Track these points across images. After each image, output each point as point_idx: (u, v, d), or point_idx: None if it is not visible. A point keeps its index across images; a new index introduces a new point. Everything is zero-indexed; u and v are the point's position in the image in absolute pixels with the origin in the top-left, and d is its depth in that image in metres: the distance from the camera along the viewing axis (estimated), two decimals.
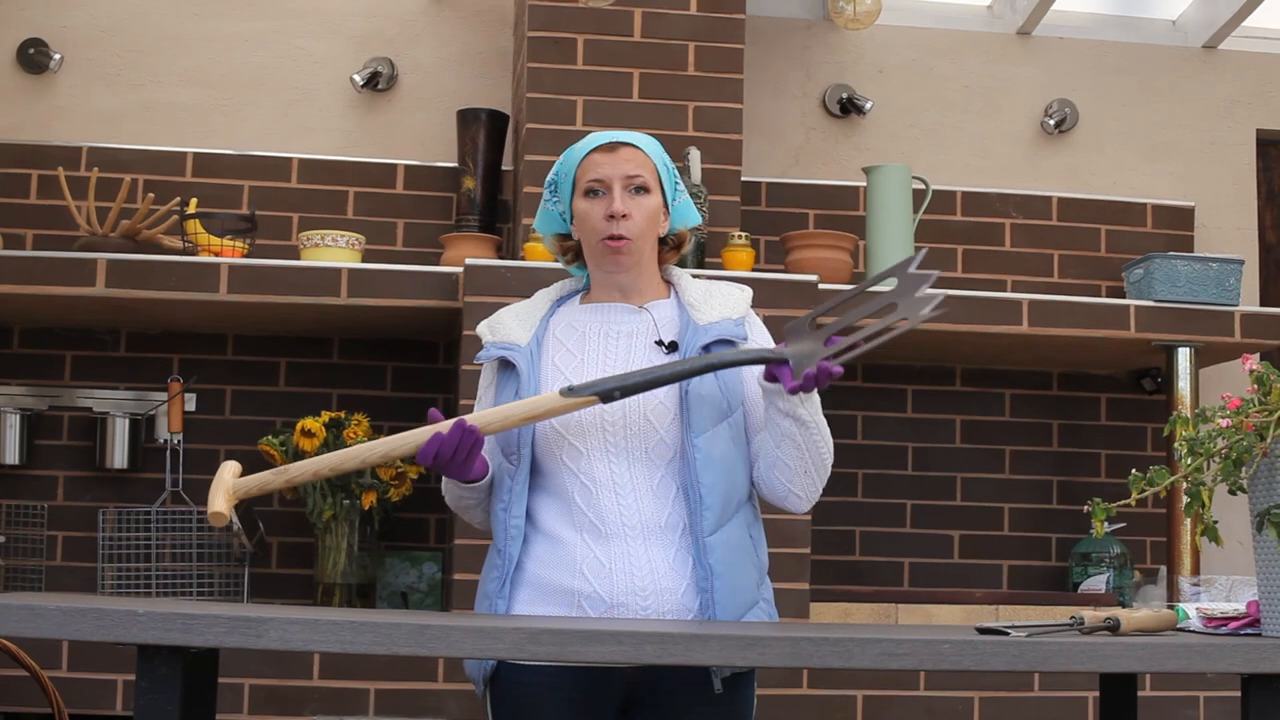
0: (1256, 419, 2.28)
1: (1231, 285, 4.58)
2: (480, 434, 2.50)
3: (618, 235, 2.62)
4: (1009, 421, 5.02)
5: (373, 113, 4.93)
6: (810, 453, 2.57)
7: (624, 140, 2.68)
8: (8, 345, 4.62)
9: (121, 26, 4.86)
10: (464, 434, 2.49)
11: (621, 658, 2.11)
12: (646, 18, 4.53)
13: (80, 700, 3.96)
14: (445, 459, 2.50)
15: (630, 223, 2.63)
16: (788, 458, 2.57)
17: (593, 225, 2.64)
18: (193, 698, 2.13)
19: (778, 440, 2.56)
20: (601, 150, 2.67)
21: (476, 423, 2.50)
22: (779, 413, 2.53)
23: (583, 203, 2.66)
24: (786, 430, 2.54)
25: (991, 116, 5.22)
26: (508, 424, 2.53)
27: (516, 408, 2.52)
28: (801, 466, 2.58)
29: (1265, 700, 2.19)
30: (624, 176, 2.65)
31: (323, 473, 2.57)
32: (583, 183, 2.66)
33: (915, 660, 2.13)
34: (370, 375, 4.73)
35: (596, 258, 2.68)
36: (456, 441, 2.49)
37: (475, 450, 2.51)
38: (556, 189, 2.73)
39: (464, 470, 2.54)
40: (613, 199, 2.63)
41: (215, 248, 4.33)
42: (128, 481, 4.59)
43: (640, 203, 2.65)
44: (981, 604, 4.33)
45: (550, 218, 2.76)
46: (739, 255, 4.44)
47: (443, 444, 2.49)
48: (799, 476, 2.59)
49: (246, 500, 4.54)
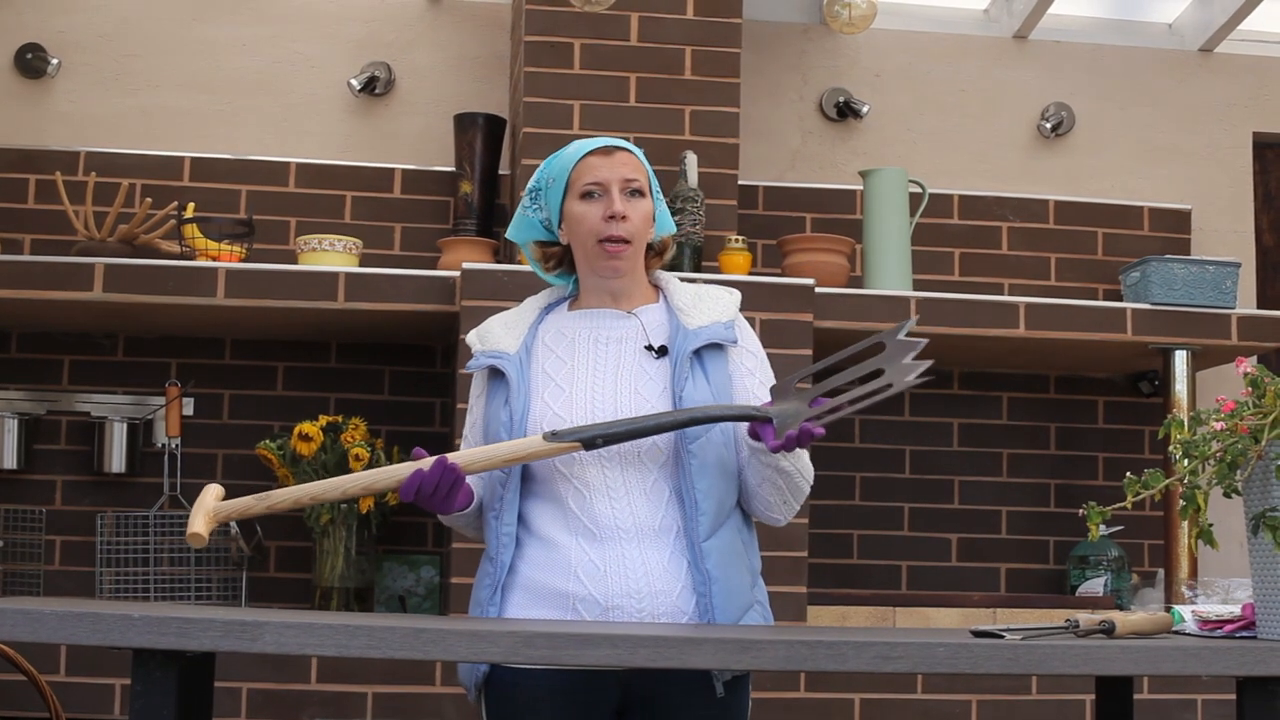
0: (1251, 422, 2.28)
1: (1228, 288, 4.58)
2: (460, 473, 2.51)
3: (617, 237, 2.63)
4: (1006, 424, 5.02)
5: (370, 117, 4.93)
6: (790, 491, 2.63)
7: (619, 145, 2.70)
8: (5, 350, 4.62)
9: (119, 31, 4.87)
10: (444, 472, 2.50)
11: (616, 661, 2.11)
12: (643, 22, 4.54)
13: (78, 705, 3.96)
14: (426, 495, 2.51)
15: (629, 224, 2.64)
16: (767, 495, 2.63)
17: (590, 227, 2.65)
18: (188, 702, 2.13)
19: (758, 480, 2.61)
20: (598, 154, 2.67)
21: (459, 462, 2.51)
22: (761, 464, 2.58)
23: (579, 205, 2.66)
24: (768, 475, 2.59)
25: (988, 120, 5.23)
26: (490, 465, 2.55)
27: (500, 450, 2.54)
28: (780, 499, 2.64)
29: (1260, 703, 2.19)
30: (622, 179, 2.66)
31: (303, 501, 2.59)
32: (579, 185, 2.66)
33: (910, 663, 2.13)
34: (367, 379, 4.73)
35: (592, 260, 2.68)
36: (436, 480, 2.50)
37: (456, 488, 2.53)
38: (539, 195, 2.73)
39: (445, 506, 2.55)
40: (612, 200, 2.64)
41: (213, 252, 4.34)
42: (126, 486, 4.59)
43: (637, 206, 2.66)
44: (979, 607, 4.33)
45: (529, 225, 2.76)
46: (736, 259, 4.44)
47: (424, 481, 2.50)
48: (779, 505, 2.65)
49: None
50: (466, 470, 2.52)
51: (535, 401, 2.61)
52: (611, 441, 2.50)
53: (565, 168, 2.68)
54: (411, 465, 2.51)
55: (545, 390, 2.61)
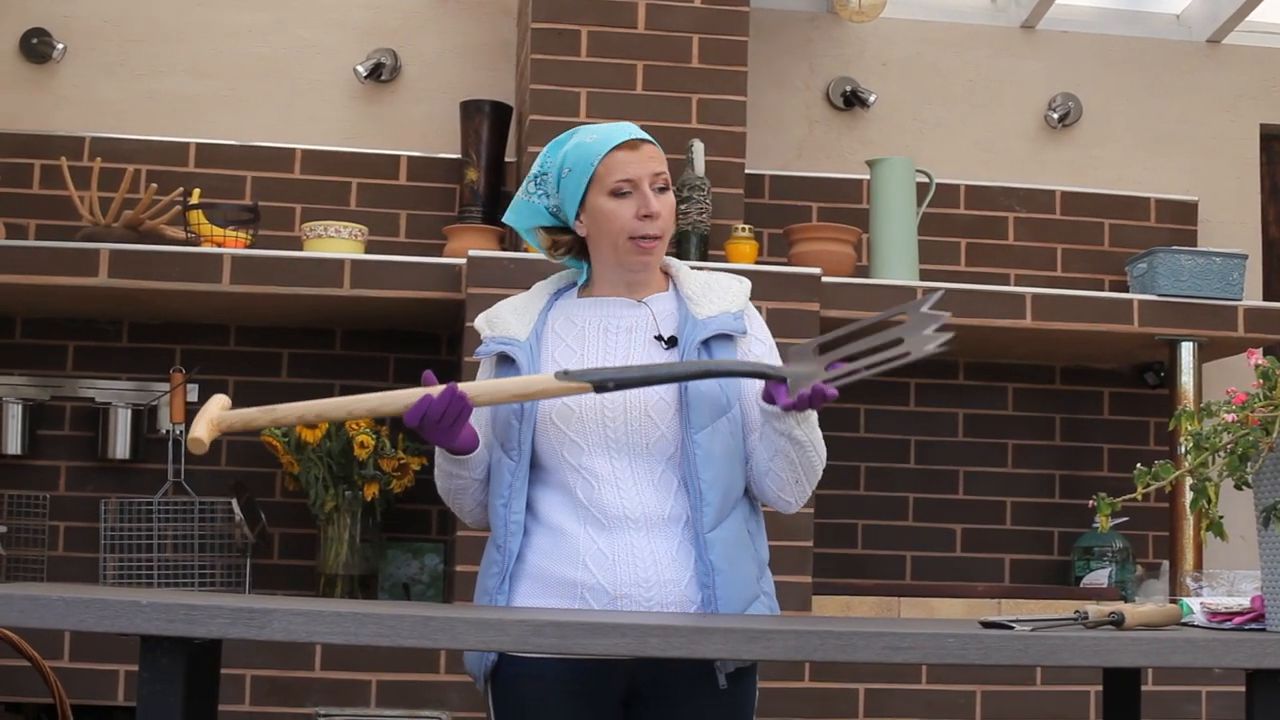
0: (1262, 414, 2.28)
1: (1235, 280, 4.57)
2: (470, 402, 2.49)
3: (652, 235, 2.62)
4: (1011, 415, 5.01)
5: (376, 104, 4.92)
6: (803, 467, 2.59)
7: (645, 138, 2.67)
8: (10, 335, 4.61)
9: (125, 16, 4.86)
10: (453, 399, 2.47)
11: (625, 650, 2.11)
12: (650, 10, 4.53)
13: (82, 690, 3.96)
14: (432, 421, 2.48)
15: (661, 221, 2.63)
16: (780, 470, 2.58)
17: (622, 225, 2.62)
18: (195, 689, 2.13)
19: (771, 454, 2.57)
20: (625, 148, 2.63)
21: (467, 391, 2.49)
22: (775, 431, 2.54)
23: (609, 201, 2.62)
24: (781, 447, 2.56)
25: (995, 110, 5.22)
26: (498, 398, 2.53)
27: (509, 383, 2.52)
28: (793, 477, 2.60)
29: (1270, 695, 2.19)
30: (651, 175, 2.63)
31: (308, 418, 2.59)
32: (608, 181, 2.62)
33: (920, 654, 2.13)
34: (372, 366, 4.73)
35: (622, 256, 2.65)
36: (444, 405, 2.47)
37: (462, 418, 2.50)
38: (545, 181, 2.68)
39: (449, 436, 2.52)
40: (647, 199, 2.61)
41: (218, 238, 4.33)
42: (130, 472, 4.58)
43: (665, 200, 2.64)
44: (984, 598, 4.33)
45: (533, 210, 2.71)
46: (742, 248, 4.44)
47: (431, 406, 2.47)
48: (790, 485, 2.61)
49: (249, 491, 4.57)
50: (475, 401, 2.49)
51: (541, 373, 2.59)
52: (623, 386, 2.48)
53: (589, 159, 2.63)
54: (420, 391, 2.49)
55: None
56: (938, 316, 2.43)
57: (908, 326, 2.45)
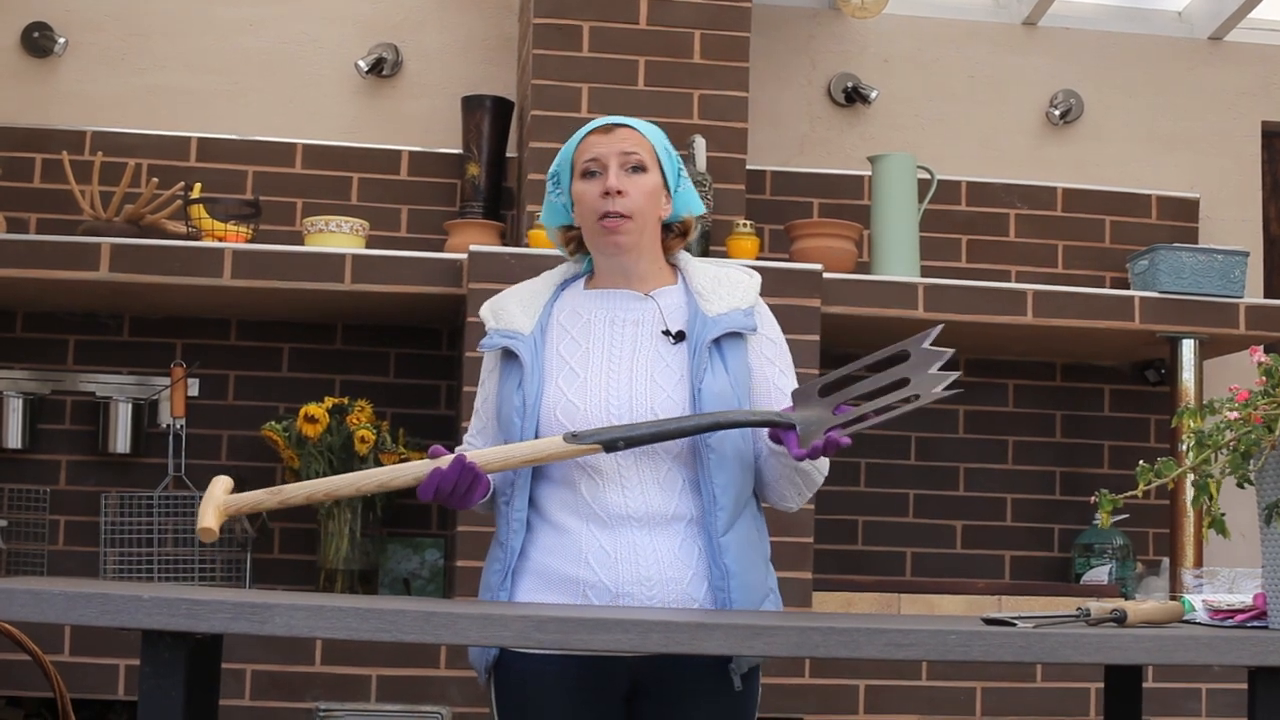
0: (1265, 411, 2.28)
1: (1236, 277, 4.57)
2: (480, 471, 2.49)
3: (614, 212, 2.59)
4: (1012, 412, 5.01)
5: (377, 99, 4.92)
6: (807, 485, 2.64)
7: (620, 122, 2.66)
8: (11, 329, 4.61)
9: (126, 10, 4.85)
10: (463, 471, 2.47)
11: (628, 646, 2.10)
12: (653, 5, 4.52)
13: (82, 685, 3.96)
14: (445, 494, 2.48)
15: (627, 200, 2.59)
16: (784, 489, 2.63)
17: (589, 205, 2.61)
18: (197, 683, 2.13)
19: (775, 476, 2.61)
20: (598, 132, 2.65)
21: (476, 461, 2.49)
22: (780, 463, 2.57)
23: (580, 184, 2.63)
24: (786, 474, 2.59)
25: (997, 107, 5.21)
26: (508, 465, 2.52)
27: (518, 450, 2.51)
28: (796, 492, 2.65)
29: (1272, 693, 2.19)
30: (619, 154, 2.61)
31: (316, 496, 2.57)
32: (580, 165, 2.64)
33: (922, 650, 2.12)
34: (374, 361, 4.72)
35: (594, 239, 2.65)
36: (455, 478, 2.47)
37: (475, 486, 2.50)
38: (558, 180, 2.70)
39: (464, 503, 2.52)
40: (608, 176, 2.60)
41: (219, 233, 4.33)
42: (130, 466, 4.58)
43: (637, 181, 2.61)
44: (984, 594, 4.33)
45: (555, 209, 2.72)
46: (743, 244, 4.43)
47: (442, 480, 2.47)
48: (793, 497, 2.66)
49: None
50: (485, 469, 2.49)
51: (549, 386, 2.58)
52: (633, 445, 2.48)
53: (570, 148, 2.66)
54: (430, 464, 2.48)
55: (559, 375, 2.59)
56: (940, 354, 2.43)
57: (912, 365, 2.45)
